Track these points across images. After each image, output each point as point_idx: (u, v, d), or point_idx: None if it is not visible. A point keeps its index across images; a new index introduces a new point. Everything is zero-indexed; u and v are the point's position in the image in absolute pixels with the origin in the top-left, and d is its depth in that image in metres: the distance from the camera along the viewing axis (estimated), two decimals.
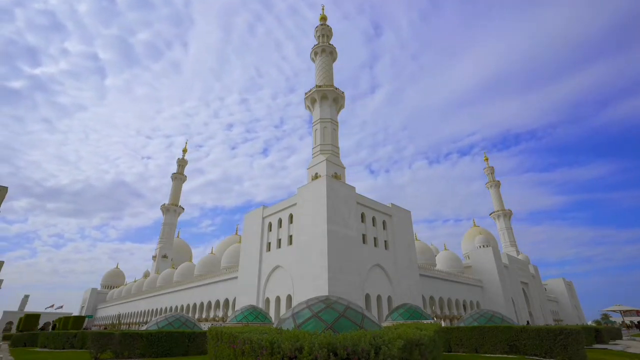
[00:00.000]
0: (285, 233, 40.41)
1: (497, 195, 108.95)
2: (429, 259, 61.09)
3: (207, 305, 53.86)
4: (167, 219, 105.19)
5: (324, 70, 55.56)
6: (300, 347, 6.06)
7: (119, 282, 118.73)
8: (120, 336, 17.88)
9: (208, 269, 62.26)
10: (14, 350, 28.96)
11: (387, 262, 40.77)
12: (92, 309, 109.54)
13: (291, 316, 11.19)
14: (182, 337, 18.95)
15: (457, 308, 55.74)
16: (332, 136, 48.79)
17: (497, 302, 59.59)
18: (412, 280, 43.70)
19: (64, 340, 28.09)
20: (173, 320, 22.36)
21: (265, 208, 45.09)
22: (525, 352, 17.01)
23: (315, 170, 45.57)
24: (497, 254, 66.14)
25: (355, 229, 37.13)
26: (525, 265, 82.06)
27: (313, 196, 36.83)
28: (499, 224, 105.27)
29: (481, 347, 18.50)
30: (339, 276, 32.54)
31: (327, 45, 57.62)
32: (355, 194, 39.62)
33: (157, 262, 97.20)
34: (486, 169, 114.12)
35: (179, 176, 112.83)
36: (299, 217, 38.10)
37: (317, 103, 51.23)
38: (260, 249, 42.87)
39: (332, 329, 9.74)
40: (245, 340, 7.25)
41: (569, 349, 15.68)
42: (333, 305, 11.05)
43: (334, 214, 34.97)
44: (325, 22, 60.95)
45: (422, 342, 7.14)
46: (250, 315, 28.08)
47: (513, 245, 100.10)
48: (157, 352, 17.76)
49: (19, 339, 36.75)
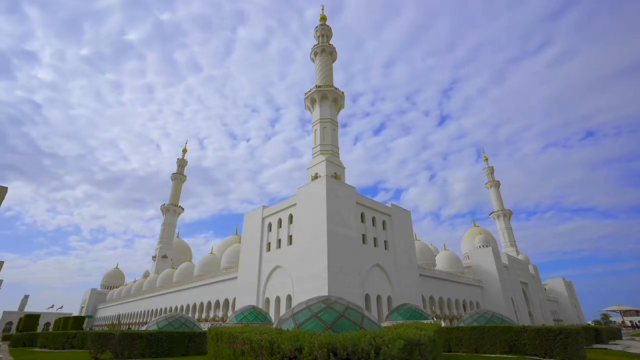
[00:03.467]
0: (285, 233, 40.41)
1: (497, 195, 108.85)
2: (428, 259, 61.03)
3: (207, 305, 53.84)
4: (167, 219, 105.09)
5: (324, 71, 55.55)
6: (300, 347, 6.06)
7: (119, 283, 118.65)
8: (120, 336, 17.86)
9: (208, 269, 62.21)
10: (13, 351, 28.96)
11: (387, 262, 40.76)
12: (92, 309, 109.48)
13: (291, 316, 11.20)
14: (182, 337, 18.94)
15: (457, 308, 55.73)
16: (332, 136, 48.83)
17: (497, 302, 59.58)
18: (412, 280, 43.69)
19: (64, 341, 28.09)
20: (173, 321, 22.36)
21: (265, 208, 45.09)
22: (525, 352, 17.01)
23: (315, 170, 45.59)
24: (497, 254, 66.14)
25: (355, 229, 37.13)
26: (525, 265, 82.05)
27: (313, 196, 36.83)
28: (499, 224, 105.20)
29: (481, 347, 18.51)
30: (338, 276, 32.54)
31: (327, 45, 57.62)
32: (355, 194, 39.63)
33: (157, 262, 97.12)
34: (486, 169, 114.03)
35: (178, 176, 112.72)
36: (299, 217, 38.10)
37: (316, 103, 51.25)
38: (260, 249, 42.87)
39: (332, 329, 9.75)
40: (245, 341, 7.26)
41: (568, 349, 15.67)
42: (333, 305, 11.05)
43: (333, 214, 34.97)
44: (325, 22, 60.92)
45: (422, 342, 7.14)
46: (250, 315, 28.08)
47: (513, 245, 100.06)
48: (157, 353, 17.75)
49: (19, 339, 36.74)
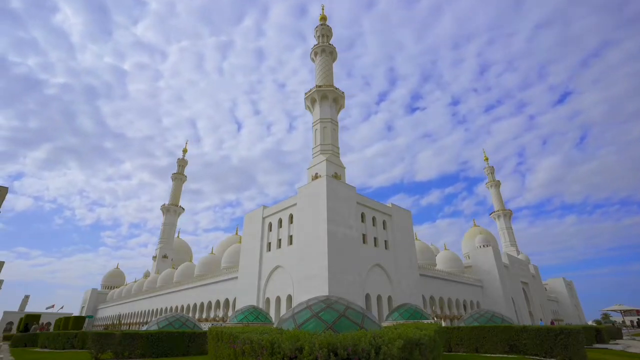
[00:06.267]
0: (285, 233, 40.41)
1: (497, 195, 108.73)
2: (429, 259, 61.01)
3: (207, 305, 53.85)
4: (167, 219, 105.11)
5: (324, 70, 55.54)
6: (300, 347, 6.06)
7: (119, 283, 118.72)
8: (120, 336, 17.88)
9: (208, 269, 62.22)
10: (14, 351, 28.96)
11: (387, 262, 40.76)
12: (93, 309, 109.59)
13: (291, 316, 11.20)
14: (183, 337, 18.94)
15: (457, 308, 55.72)
16: (332, 136, 48.81)
17: (497, 302, 59.54)
18: (412, 280, 43.69)
19: (64, 341, 28.10)
20: (173, 321, 22.35)
21: (266, 208, 45.09)
22: (526, 352, 17.00)
23: (315, 170, 45.58)
24: (497, 253, 66.07)
25: (355, 229, 37.12)
26: (526, 265, 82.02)
27: (313, 196, 36.83)
28: (499, 224, 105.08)
29: (481, 347, 18.51)
30: (339, 276, 32.53)
31: (327, 45, 57.60)
32: (356, 194, 39.63)
33: (157, 263, 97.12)
34: (486, 169, 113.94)
35: (179, 176, 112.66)
36: (299, 217, 38.10)
37: (317, 103, 51.24)
38: (261, 249, 42.87)
39: (332, 329, 9.75)
40: (246, 341, 7.26)
41: (569, 349, 15.67)
42: (333, 305, 11.05)
43: (334, 214, 34.97)
44: (325, 22, 60.90)
45: (423, 342, 7.14)
46: (251, 315, 28.08)
47: (513, 245, 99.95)
48: (157, 352, 17.76)
49: (20, 340, 36.76)
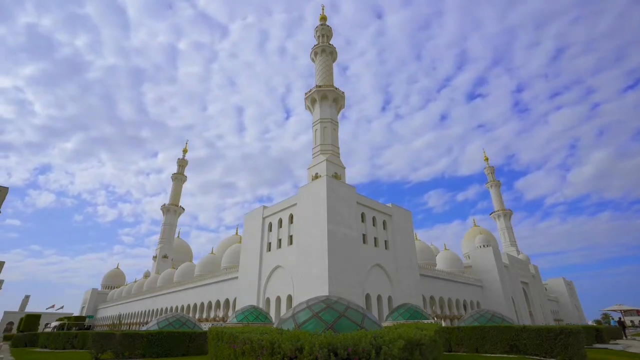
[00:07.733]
0: (285, 233, 40.41)
1: (497, 195, 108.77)
2: (429, 259, 60.99)
3: (207, 305, 53.85)
4: (167, 219, 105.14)
5: (324, 71, 55.54)
6: (300, 347, 6.05)
7: (120, 283, 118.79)
8: (120, 336, 17.87)
9: (208, 269, 62.22)
10: (14, 351, 28.99)
11: (387, 262, 40.75)
12: (93, 309, 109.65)
13: (291, 316, 11.19)
14: (183, 337, 18.94)
15: (458, 308, 55.71)
16: (332, 136, 48.82)
17: (498, 302, 59.53)
18: (412, 280, 43.67)
19: (65, 341, 28.11)
20: (173, 321, 22.34)
21: (266, 208, 45.08)
22: (526, 352, 16.99)
23: (315, 170, 45.59)
24: (498, 253, 66.05)
25: (355, 229, 37.12)
26: (526, 265, 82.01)
27: (313, 196, 36.82)
28: (499, 224, 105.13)
29: (481, 347, 18.50)
30: (339, 276, 32.53)
31: (327, 45, 57.60)
32: (356, 194, 39.62)
33: (158, 263, 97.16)
34: (486, 169, 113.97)
35: (179, 176, 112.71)
36: (299, 217, 38.09)
37: (317, 103, 51.25)
38: (261, 249, 42.86)
39: (332, 329, 9.74)
40: (246, 341, 7.26)
41: (569, 349, 15.65)
42: (333, 305, 11.05)
43: (334, 214, 34.96)
44: (325, 22, 60.90)
45: (423, 342, 7.14)
46: (251, 315, 28.08)
47: (513, 245, 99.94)
48: (157, 352, 17.76)
49: (20, 340, 36.78)
